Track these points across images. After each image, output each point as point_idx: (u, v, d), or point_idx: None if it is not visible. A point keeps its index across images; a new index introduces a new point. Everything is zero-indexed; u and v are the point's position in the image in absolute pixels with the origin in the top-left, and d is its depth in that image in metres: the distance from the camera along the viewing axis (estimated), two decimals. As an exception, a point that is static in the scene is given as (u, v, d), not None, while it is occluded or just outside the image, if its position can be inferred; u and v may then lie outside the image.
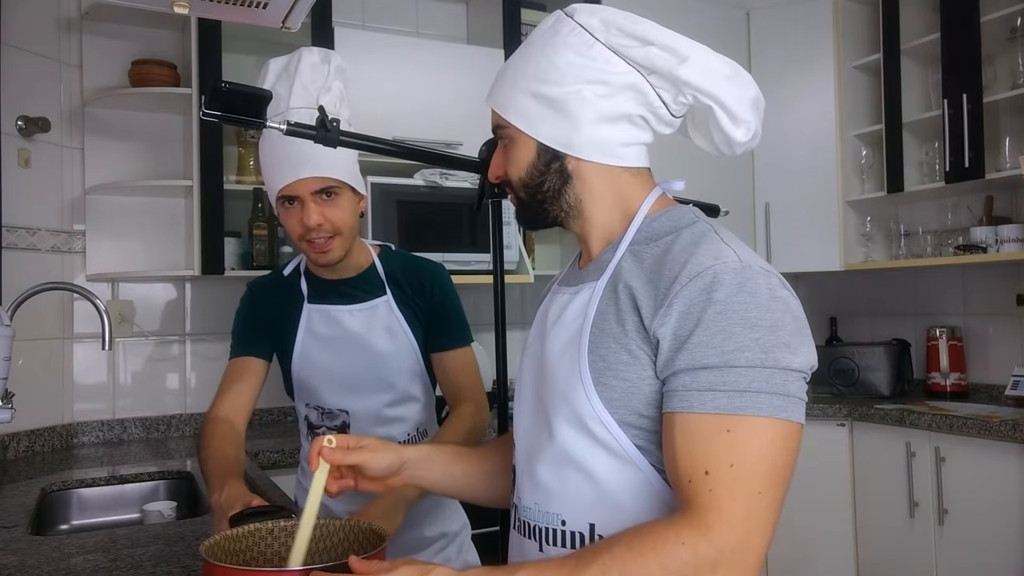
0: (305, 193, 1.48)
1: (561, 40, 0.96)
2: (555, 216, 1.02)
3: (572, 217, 1.02)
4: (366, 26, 3.13)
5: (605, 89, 0.95)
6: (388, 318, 1.62)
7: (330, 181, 1.49)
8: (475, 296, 3.05)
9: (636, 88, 0.95)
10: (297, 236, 1.53)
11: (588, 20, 0.96)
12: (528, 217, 1.05)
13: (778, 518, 0.84)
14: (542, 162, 0.98)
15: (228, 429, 1.53)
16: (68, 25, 2.67)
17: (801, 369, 0.85)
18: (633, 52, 0.94)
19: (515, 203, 1.05)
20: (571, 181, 0.99)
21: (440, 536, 1.69)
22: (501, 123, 1.01)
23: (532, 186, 1.00)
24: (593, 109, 0.95)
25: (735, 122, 0.96)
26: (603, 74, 0.94)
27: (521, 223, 1.09)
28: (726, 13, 3.51)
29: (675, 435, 0.85)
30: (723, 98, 0.94)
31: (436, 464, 1.14)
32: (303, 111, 1.47)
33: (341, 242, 1.54)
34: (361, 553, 0.93)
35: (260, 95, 1.21)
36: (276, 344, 1.66)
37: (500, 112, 1.00)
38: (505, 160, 1.03)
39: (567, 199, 1.00)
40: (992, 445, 2.59)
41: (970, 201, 3.23)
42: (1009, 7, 2.85)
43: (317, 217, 1.49)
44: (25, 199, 2.50)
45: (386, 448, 1.09)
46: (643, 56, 0.94)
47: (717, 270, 0.86)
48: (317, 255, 1.55)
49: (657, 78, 0.95)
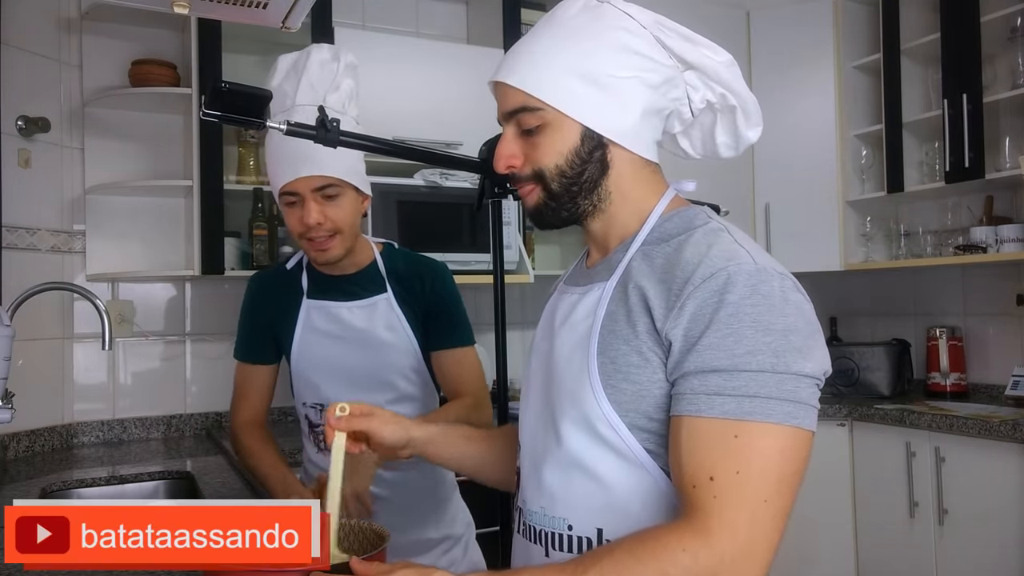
0: (306, 191, 1.48)
1: (610, 24, 0.93)
2: (583, 210, 0.97)
3: (598, 212, 0.97)
4: (366, 26, 3.13)
5: (655, 79, 0.93)
6: (388, 315, 1.62)
7: (331, 180, 1.49)
8: (475, 296, 3.04)
9: (672, 83, 0.95)
10: (297, 234, 1.54)
11: (632, 10, 0.94)
12: (553, 211, 0.97)
13: (785, 527, 0.82)
14: (585, 149, 0.93)
15: (263, 433, 1.67)
16: (68, 25, 2.67)
17: (813, 375, 0.83)
18: (677, 45, 0.93)
19: (537, 197, 0.97)
20: (608, 172, 0.95)
21: (444, 538, 1.68)
22: (533, 106, 0.93)
23: (571, 175, 0.94)
24: (643, 99, 0.93)
25: (751, 123, 0.97)
26: (654, 64, 0.93)
27: (535, 220, 1.00)
28: (726, 13, 3.51)
29: (681, 439, 0.83)
30: (748, 99, 0.95)
31: (444, 446, 1.15)
32: (308, 108, 1.46)
33: (341, 241, 1.54)
34: (361, 553, 0.93)
35: (260, 95, 1.20)
36: (277, 341, 1.67)
37: (536, 94, 0.92)
38: (530, 147, 0.95)
39: (600, 192, 0.96)
40: (992, 445, 2.59)
41: (970, 201, 3.23)
42: (1009, 7, 2.85)
43: (317, 216, 1.49)
44: (25, 199, 2.49)
45: (396, 422, 1.10)
46: (688, 50, 0.93)
47: (731, 271, 0.84)
48: (316, 253, 1.55)
49: (693, 75, 0.95)
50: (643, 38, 0.93)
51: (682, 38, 0.94)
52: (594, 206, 0.97)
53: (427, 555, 1.64)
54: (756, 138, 0.98)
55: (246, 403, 1.70)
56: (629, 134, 0.94)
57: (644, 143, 0.96)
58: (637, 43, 0.92)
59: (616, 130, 0.93)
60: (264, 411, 1.72)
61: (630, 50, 0.92)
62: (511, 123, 0.96)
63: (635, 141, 0.95)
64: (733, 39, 3.49)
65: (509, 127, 0.97)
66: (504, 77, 0.95)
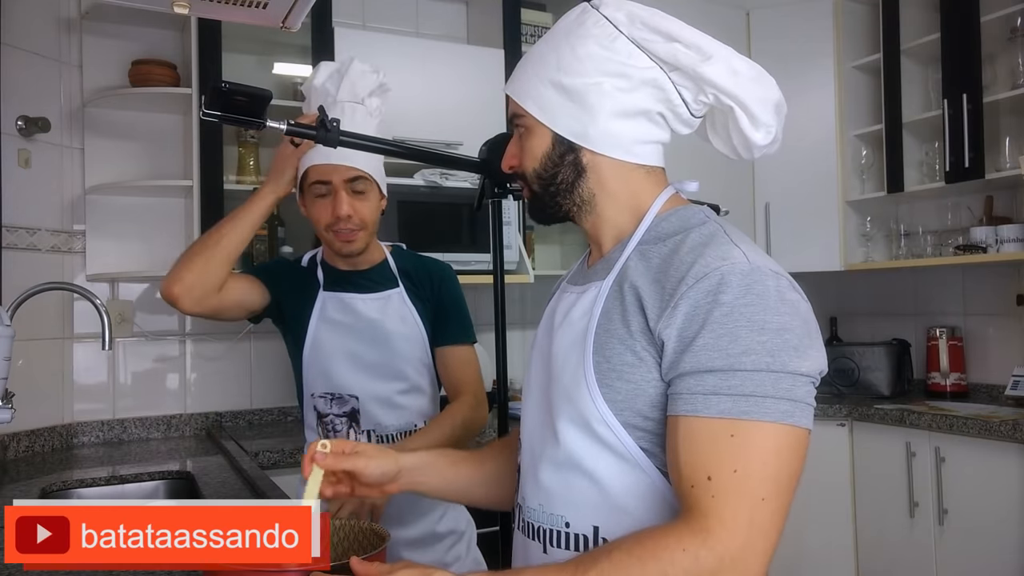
0: (339, 182, 1.55)
1: (585, 31, 0.95)
2: (567, 210, 1.01)
3: (585, 212, 1.00)
4: (366, 26, 3.12)
5: (625, 83, 0.94)
6: (401, 308, 1.67)
7: (362, 173, 1.56)
8: (475, 296, 3.04)
9: (656, 84, 0.95)
10: (325, 225, 1.59)
11: (614, 13, 0.95)
12: (540, 210, 1.03)
13: (783, 525, 0.82)
14: (556, 153, 0.98)
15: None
16: (68, 25, 2.67)
17: (809, 374, 0.83)
18: (657, 47, 0.93)
19: (527, 195, 1.04)
20: (585, 175, 0.98)
21: (450, 533, 1.70)
22: (519, 112, 1.00)
23: (546, 178, 0.99)
24: (612, 102, 0.94)
25: (755, 124, 0.94)
26: (624, 67, 0.93)
27: (532, 216, 1.07)
28: (726, 12, 3.51)
29: (678, 439, 0.84)
30: (745, 99, 0.93)
31: (435, 471, 1.12)
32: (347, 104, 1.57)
33: (365, 235, 1.61)
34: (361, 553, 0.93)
35: (260, 95, 1.21)
36: (287, 325, 1.70)
37: (518, 100, 0.99)
38: (520, 150, 1.02)
39: (580, 193, 0.99)
40: (992, 445, 2.59)
41: (970, 201, 3.23)
42: (1009, 7, 2.85)
43: (348, 207, 1.55)
44: (25, 199, 2.49)
45: (382, 455, 1.06)
46: (667, 52, 0.93)
47: (724, 271, 0.84)
48: (341, 244, 1.60)
49: (679, 75, 0.94)
50: (617, 42, 0.94)
51: (664, 39, 0.93)
52: (578, 207, 1.00)
53: (433, 549, 1.65)
54: (763, 141, 0.95)
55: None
56: (603, 139, 0.96)
57: (622, 146, 0.96)
58: (609, 48, 0.94)
59: (584, 135, 0.96)
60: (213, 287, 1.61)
61: (597, 56, 0.94)
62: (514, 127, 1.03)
63: (608, 145, 0.96)
64: (733, 38, 3.47)
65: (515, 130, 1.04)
66: (506, 86, 1.03)
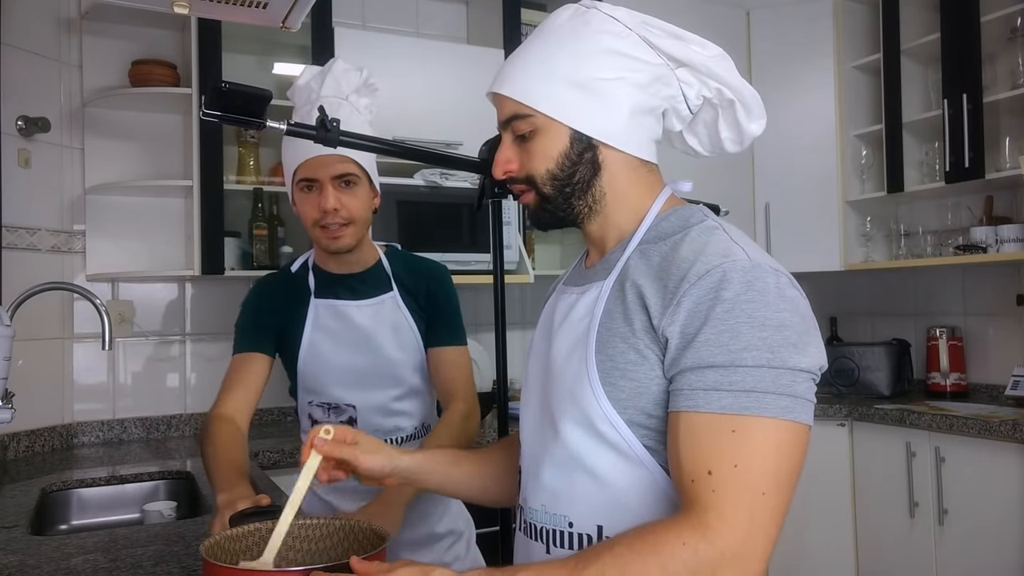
0: (325, 177, 1.52)
1: (595, 28, 0.95)
2: (578, 212, 0.99)
3: (594, 213, 1.00)
4: (366, 26, 3.13)
5: (643, 79, 0.95)
6: (395, 314, 1.65)
7: (350, 166, 1.53)
8: (475, 296, 3.05)
9: (664, 81, 0.96)
10: (312, 221, 1.56)
11: (617, 12, 0.96)
12: (549, 213, 1.00)
13: (783, 521, 0.82)
14: (575, 152, 0.96)
15: (233, 429, 1.51)
16: (68, 25, 2.67)
17: (809, 370, 0.84)
18: (666, 44, 0.95)
19: (533, 200, 1.00)
20: (600, 172, 0.97)
21: (449, 532, 1.70)
22: (523, 113, 0.96)
23: (562, 178, 0.97)
24: (630, 99, 0.95)
25: (752, 116, 0.97)
26: (640, 64, 0.95)
27: (534, 221, 1.03)
28: (726, 12, 3.51)
29: (679, 434, 0.84)
30: (745, 92, 0.96)
31: (433, 473, 1.13)
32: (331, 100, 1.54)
33: (354, 231, 1.57)
34: (361, 553, 0.93)
35: (260, 95, 1.21)
36: (281, 341, 1.66)
37: (524, 101, 0.96)
38: (524, 153, 0.98)
39: (593, 193, 0.98)
40: (992, 445, 2.59)
41: (970, 201, 3.23)
42: (1009, 7, 2.85)
43: (334, 201, 1.52)
44: (25, 199, 2.49)
45: (379, 452, 1.08)
46: (678, 48, 0.95)
47: (726, 268, 0.85)
48: (328, 240, 1.57)
49: (686, 71, 0.96)
50: (628, 39, 0.95)
51: (670, 36, 0.96)
52: (589, 207, 0.99)
53: (433, 549, 1.66)
54: (759, 131, 0.99)
55: (229, 395, 1.56)
56: (618, 134, 0.96)
57: (636, 143, 0.97)
58: (622, 45, 0.94)
59: (604, 131, 0.96)
60: (247, 408, 1.57)
61: (615, 52, 0.94)
62: (507, 130, 1.00)
63: (626, 141, 0.96)
64: (733, 39, 3.49)
65: (506, 134, 1.00)
66: (498, 88, 0.99)
